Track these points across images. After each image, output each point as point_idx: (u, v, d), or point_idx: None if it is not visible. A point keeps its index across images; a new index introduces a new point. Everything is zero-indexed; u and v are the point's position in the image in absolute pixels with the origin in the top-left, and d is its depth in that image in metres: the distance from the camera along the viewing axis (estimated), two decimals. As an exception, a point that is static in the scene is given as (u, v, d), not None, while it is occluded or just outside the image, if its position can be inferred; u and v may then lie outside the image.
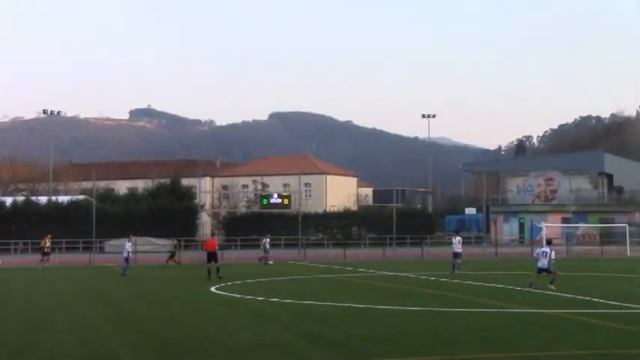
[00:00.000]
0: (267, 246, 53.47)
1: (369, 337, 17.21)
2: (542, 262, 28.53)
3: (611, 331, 17.81)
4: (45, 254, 47.24)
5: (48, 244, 48.04)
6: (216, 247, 38.04)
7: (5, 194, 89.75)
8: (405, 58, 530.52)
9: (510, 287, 30.00)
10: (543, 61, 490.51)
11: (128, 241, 42.87)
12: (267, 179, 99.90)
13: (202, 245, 38.63)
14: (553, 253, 28.89)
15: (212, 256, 36.85)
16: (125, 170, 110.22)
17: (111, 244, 68.87)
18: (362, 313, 22.28)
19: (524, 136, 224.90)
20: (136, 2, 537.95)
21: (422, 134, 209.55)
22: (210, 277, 35.17)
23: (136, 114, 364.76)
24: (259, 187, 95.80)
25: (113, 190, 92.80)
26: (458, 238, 41.76)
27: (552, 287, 27.72)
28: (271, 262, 50.66)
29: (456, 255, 40.54)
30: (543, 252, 28.79)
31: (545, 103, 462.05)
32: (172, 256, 48.98)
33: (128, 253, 41.79)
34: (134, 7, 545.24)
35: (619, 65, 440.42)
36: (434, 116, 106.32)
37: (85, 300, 27.22)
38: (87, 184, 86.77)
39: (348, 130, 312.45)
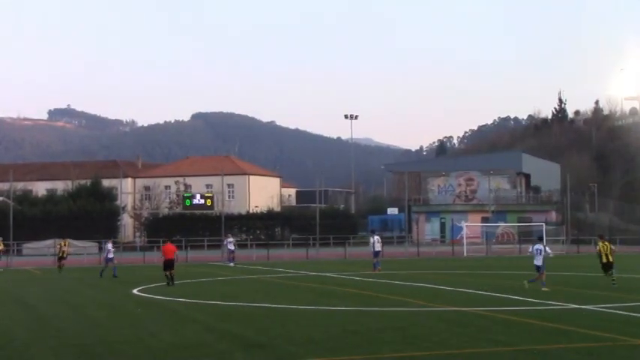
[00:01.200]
0: (232, 246, 52.72)
1: (292, 337, 17.22)
2: (538, 260, 28.85)
3: (529, 328, 18.19)
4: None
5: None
6: (176, 253, 34.12)
7: None
8: (328, 58, 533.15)
9: (431, 286, 30.38)
10: (464, 62, 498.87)
11: (108, 244, 42.28)
12: (189, 180, 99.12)
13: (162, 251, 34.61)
14: (548, 249, 29.41)
15: (170, 264, 33.19)
16: (44, 171, 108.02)
17: (29, 246, 67.37)
18: (285, 313, 22.28)
19: (445, 137, 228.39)
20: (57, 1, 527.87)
21: (344, 135, 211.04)
22: (172, 283, 32.47)
23: (55, 114, 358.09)
24: (182, 188, 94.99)
25: (31, 191, 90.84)
26: (376, 237, 42.53)
27: (526, 284, 28.11)
28: (232, 265, 49.95)
29: (376, 254, 41.18)
30: (537, 249, 29.15)
31: (466, 104, 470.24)
32: (61, 258, 46.53)
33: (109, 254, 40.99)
34: (55, 3, 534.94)
35: (537, 66, 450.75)
36: (356, 117, 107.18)
37: (1, 304, 26.57)
38: (3, 186, 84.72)
39: (271, 130, 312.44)
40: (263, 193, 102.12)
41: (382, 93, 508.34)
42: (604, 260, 29.31)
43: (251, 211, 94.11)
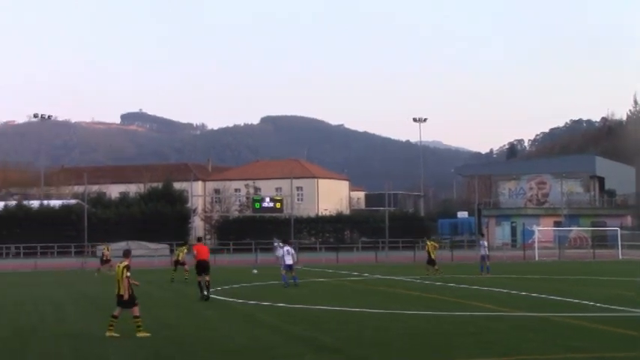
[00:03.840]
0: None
1: (362, 340, 17.16)
2: None
3: (606, 335, 17.79)
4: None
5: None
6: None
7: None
8: (398, 60, 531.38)
9: (502, 291, 29.97)
10: (535, 65, 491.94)
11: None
12: (259, 183, 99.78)
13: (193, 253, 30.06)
14: None
15: (205, 267, 28.50)
16: (117, 174, 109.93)
17: (102, 248, 68.48)
18: (354, 316, 22.22)
19: (516, 140, 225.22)
20: (129, 5, 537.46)
21: (413, 138, 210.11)
22: (204, 295, 27.77)
23: (127, 118, 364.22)
24: (251, 191, 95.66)
25: (105, 194, 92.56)
26: (484, 241, 42.58)
27: None
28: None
29: (484, 257, 41.46)
30: None
31: (537, 106, 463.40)
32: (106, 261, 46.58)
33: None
34: (127, 11, 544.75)
35: (610, 69, 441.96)
36: (425, 120, 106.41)
37: (75, 304, 27.10)
38: (79, 189, 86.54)
39: (340, 133, 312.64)
40: (332, 196, 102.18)
41: (452, 95, 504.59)
42: None
43: (320, 214, 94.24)
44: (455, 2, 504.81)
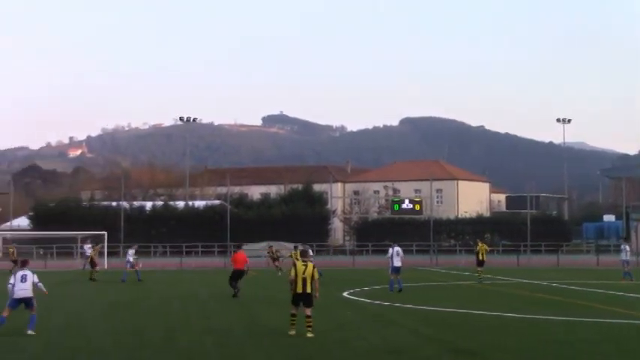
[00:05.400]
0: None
1: (501, 345, 16.90)
2: None
3: None
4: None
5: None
6: (247, 264, 31.09)
7: (145, 199, 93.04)
8: (539, 60, 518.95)
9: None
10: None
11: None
12: (398, 185, 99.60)
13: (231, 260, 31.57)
14: None
15: (240, 275, 30.22)
16: (258, 176, 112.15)
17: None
18: (492, 320, 21.89)
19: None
20: (271, 11, 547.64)
21: (557, 139, 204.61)
22: (236, 292, 29.50)
23: (268, 120, 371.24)
24: (390, 192, 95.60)
25: (247, 195, 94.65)
26: (626, 245, 41.24)
27: None
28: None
29: (625, 263, 40.30)
30: None
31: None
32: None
33: None
34: (271, 16, 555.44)
35: None
36: (569, 121, 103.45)
37: (220, 303, 27.82)
38: (222, 190, 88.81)
39: (480, 134, 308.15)
40: (472, 198, 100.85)
41: (597, 94, 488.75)
42: None
43: (460, 216, 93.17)
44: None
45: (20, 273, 19.32)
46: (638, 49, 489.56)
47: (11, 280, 19.29)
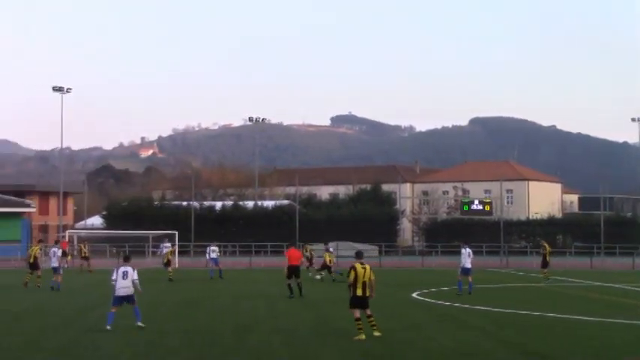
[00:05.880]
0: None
1: (575, 350, 16.58)
2: None
3: None
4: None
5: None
6: (302, 260, 31.42)
7: (215, 199, 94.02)
8: (611, 58, 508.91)
9: None
10: None
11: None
12: (467, 185, 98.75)
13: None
14: None
15: (295, 271, 30.00)
16: (327, 176, 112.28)
17: (312, 248, 70.07)
18: (566, 324, 21.46)
19: None
20: (346, 10, 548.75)
21: (631, 139, 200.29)
22: (294, 294, 29.40)
23: (337, 120, 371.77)
24: (460, 193, 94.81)
25: (315, 195, 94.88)
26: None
27: None
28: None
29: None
30: None
31: None
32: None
33: None
34: (334, 16, 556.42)
35: None
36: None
37: (288, 302, 27.90)
38: (290, 190, 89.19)
39: (551, 134, 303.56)
40: (543, 199, 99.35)
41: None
42: None
43: (531, 217, 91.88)
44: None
45: (122, 269, 20.02)
46: None
47: (113, 276, 20.06)
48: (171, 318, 22.93)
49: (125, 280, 19.74)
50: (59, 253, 34.95)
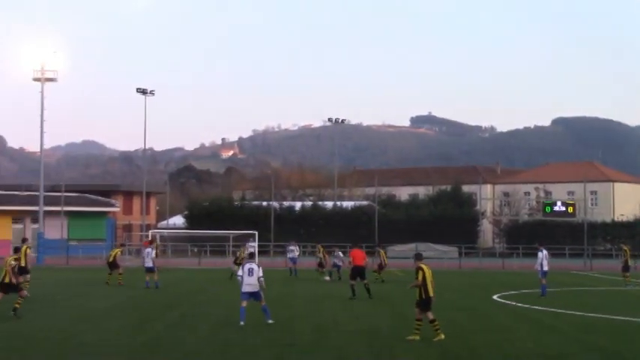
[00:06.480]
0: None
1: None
2: None
3: None
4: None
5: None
6: (366, 260, 31.23)
7: (294, 199, 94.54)
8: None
9: None
10: None
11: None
12: (550, 187, 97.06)
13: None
14: None
15: (360, 272, 29.94)
16: (406, 176, 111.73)
17: (393, 249, 69.82)
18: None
19: None
20: (414, 9, 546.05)
21: None
22: (355, 296, 29.14)
23: (416, 121, 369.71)
24: (542, 194, 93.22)
25: (395, 196, 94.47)
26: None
27: None
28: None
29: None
30: None
31: None
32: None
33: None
34: (414, 17, 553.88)
35: None
36: None
37: (366, 302, 27.84)
38: (370, 190, 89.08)
39: (638, 135, 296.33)
40: (629, 200, 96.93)
41: None
42: None
43: (616, 219, 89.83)
44: None
45: (247, 266, 20.75)
46: None
47: (239, 272, 20.98)
48: (252, 315, 23.05)
49: (251, 277, 20.45)
50: (153, 254, 35.69)
